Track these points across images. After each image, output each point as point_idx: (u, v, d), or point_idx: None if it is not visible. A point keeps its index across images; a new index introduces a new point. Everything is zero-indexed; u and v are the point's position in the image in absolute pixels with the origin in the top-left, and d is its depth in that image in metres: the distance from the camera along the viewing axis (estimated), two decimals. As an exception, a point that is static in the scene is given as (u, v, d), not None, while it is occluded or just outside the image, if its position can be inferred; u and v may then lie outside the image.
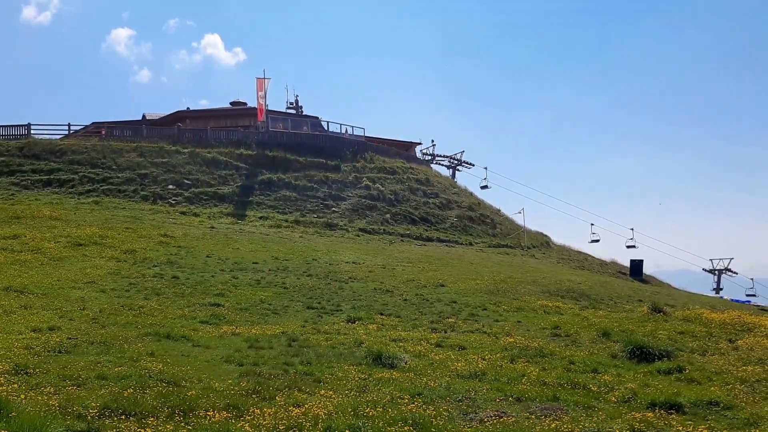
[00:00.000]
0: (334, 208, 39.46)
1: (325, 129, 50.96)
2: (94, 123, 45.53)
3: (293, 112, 55.07)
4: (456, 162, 60.07)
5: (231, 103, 54.88)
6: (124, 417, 8.15)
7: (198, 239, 28.03)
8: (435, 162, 59.55)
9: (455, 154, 60.22)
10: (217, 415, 8.43)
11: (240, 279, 21.41)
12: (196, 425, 8.10)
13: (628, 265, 41.77)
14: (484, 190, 54.58)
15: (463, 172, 60.62)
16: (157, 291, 18.70)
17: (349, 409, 8.93)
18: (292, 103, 56.47)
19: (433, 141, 61.55)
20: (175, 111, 50.11)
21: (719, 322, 18.23)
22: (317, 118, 52.57)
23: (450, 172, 59.50)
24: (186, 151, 40.44)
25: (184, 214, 34.37)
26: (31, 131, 41.06)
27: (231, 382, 10.34)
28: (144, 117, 52.03)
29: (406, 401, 9.65)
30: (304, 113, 54.80)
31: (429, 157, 59.71)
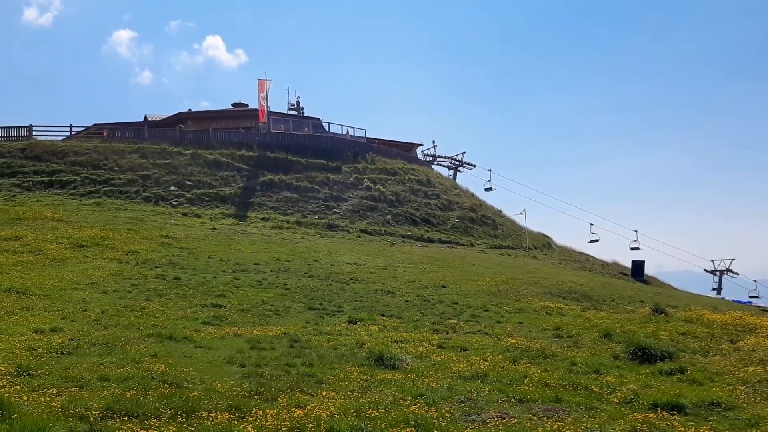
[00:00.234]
0: (335, 209, 39.47)
1: (327, 130, 51.04)
2: (95, 124, 45.59)
3: (295, 113, 55.15)
4: (457, 163, 60.10)
5: (232, 105, 54.99)
6: (126, 418, 8.15)
7: (200, 240, 28.06)
8: (436, 163, 59.62)
9: (456, 155, 60.30)
10: (219, 417, 8.45)
11: (242, 280, 21.43)
12: (199, 426, 8.10)
13: (630, 266, 41.80)
14: (488, 192, 54.62)
15: (464, 173, 60.75)
16: (159, 292, 18.71)
17: (352, 410, 8.94)
18: (293, 105, 56.62)
19: (434, 142, 61.65)
20: (177, 112, 50.32)
21: (721, 323, 18.26)
22: (318, 119, 52.64)
23: (451, 173, 59.60)
24: (188, 152, 40.48)
25: (185, 215, 34.40)
26: (33, 133, 41.07)
27: (233, 383, 10.34)
28: (146, 118, 52.09)
29: (408, 402, 9.66)
30: (305, 114, 54.88)
31: (430, 158, 59.73)
